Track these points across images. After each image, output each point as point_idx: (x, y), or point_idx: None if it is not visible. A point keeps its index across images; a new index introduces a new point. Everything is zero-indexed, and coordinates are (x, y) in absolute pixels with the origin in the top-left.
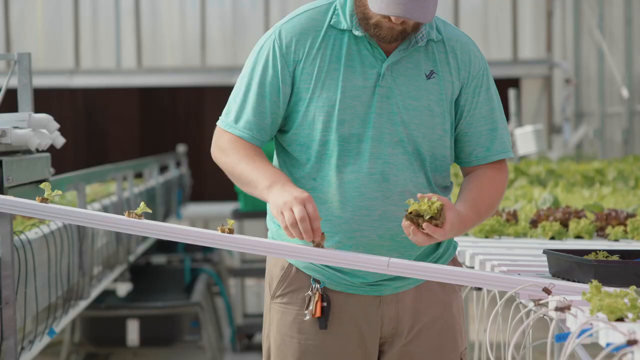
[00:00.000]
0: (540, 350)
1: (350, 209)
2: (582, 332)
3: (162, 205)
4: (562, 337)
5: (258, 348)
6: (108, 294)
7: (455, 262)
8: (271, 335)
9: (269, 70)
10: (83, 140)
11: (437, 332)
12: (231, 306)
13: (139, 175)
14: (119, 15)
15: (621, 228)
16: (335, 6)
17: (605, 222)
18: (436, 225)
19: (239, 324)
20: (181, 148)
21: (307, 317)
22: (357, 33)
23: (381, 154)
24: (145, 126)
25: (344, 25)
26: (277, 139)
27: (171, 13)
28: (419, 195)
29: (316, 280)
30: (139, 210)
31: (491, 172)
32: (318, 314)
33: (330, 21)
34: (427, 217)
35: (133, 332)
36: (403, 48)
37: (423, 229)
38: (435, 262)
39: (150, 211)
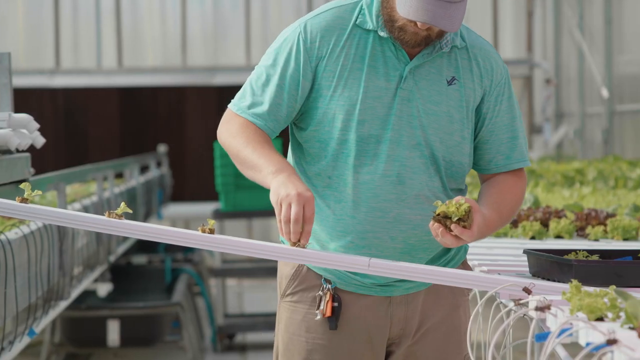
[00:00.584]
0: (520, 350)
1: (364, 209)
2: (562, 331)
3: (143, 205)
4: (542, 336)
5: (239, 348)
6: (88, 294)
7: (465, 265)
8: (279, 333)
9: (291, 62)
10: (63, 141)
11: (443, 334)
12: (212, 306)
13: (119, 175)
14: (99, 15)
15: (601, 228)
16: (362, 6)
17: (585, 222)
18: (464, 227)
19: (219, 324)
20: (162, 148)
21: (318, 317)
22: (382, 34)
23: (398, 157)
24: (126, 126)
25: (369, 25)
26: (293, 135)
27: (152, 13)
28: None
29: (327, 280)
30: (119, 211)
31: (511, 179)
32: (329, 313)
33: (356, 20)
34: (455, 218)
35: (113, 332)
36: (427, 52)
37: (451, 230)
38: (446, 264)
39: (130, 211)
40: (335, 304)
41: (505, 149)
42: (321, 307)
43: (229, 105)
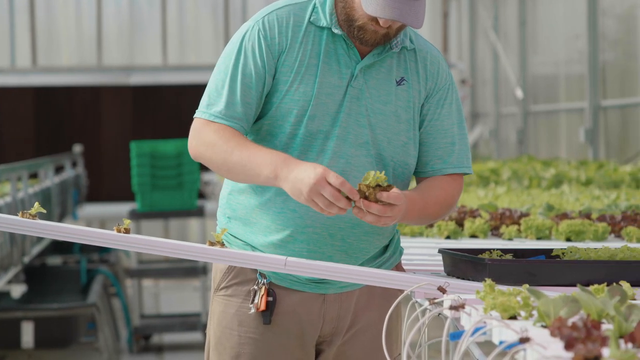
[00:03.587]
0: (435, 348)
1: (306, 204)
2: (476, 330)
3: (58, 205)
4: (456, 335)
5: (155, 349)
6: (2, 295)
7: (399, 268)
8: (211, 328)
9: (256, 60)
10: None
11: (374, 336)
12: (128, 307)
13: (33, 176)
14: (13, 13)
15: (515, 227)
16: (315, 4)
17: (499, 221)
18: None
19: (136, 325)
20: (77, 148)
21: (252, 311)
22: (335, 31)
23: (344, 154)
24: (41, 126)
25: (323, 22)
26: None
27: (67, 11)
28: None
29: (262, 275)
30: (33, 211)
31: (444, 178)
32: (263, 307)
33: (310, 18)
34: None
35: (28, 334)
36: (377, 52)
37: (376, 201)
38: (380, 266)
39: (44, 211)
40: (270, 299)
41: (443, 153)
42: (256, 301)
43: (197, 115)
